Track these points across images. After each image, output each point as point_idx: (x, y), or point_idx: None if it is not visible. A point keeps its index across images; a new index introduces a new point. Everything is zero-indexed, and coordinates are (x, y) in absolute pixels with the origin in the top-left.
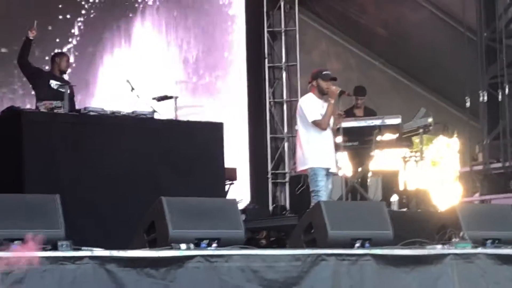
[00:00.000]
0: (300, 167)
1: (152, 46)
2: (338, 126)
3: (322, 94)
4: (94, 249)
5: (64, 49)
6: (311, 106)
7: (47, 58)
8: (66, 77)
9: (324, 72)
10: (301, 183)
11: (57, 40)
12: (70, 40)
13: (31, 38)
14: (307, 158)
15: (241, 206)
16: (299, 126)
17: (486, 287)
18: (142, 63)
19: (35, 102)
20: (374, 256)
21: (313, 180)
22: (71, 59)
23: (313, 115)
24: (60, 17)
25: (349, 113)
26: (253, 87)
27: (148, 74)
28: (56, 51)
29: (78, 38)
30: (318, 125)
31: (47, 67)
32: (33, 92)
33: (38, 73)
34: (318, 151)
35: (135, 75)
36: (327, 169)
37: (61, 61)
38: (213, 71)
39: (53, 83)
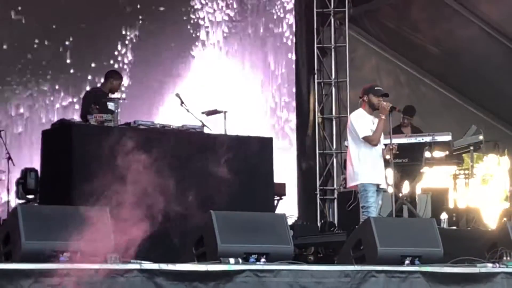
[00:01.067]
0: (350, 183)
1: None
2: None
3: (373, 109)
4: (143, 262)
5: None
6: (362, 122)
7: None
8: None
9: (376, 88)
10: (352, 200)
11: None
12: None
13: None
14: (358, 174)
15: (289, 222)
16: (350, 142)
17: None
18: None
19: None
20: (424, 273)
21: (363, 196)
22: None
23: (364, 131)
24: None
25: (396, 131)
26: (302, 102)
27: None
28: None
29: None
30: (369, 141)
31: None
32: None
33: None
34: (368, 167)
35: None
36: (378, 185)
37: (115, 82)
38: (262, 85)
39: (110, 105)
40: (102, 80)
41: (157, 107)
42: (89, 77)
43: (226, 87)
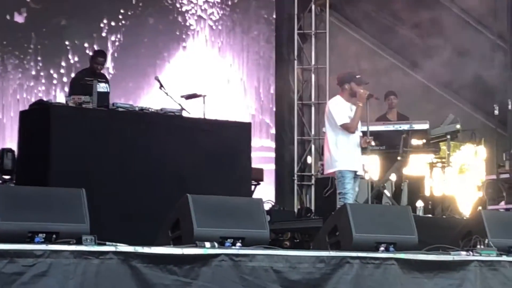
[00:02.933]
0: (328, 170)
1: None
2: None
3: (352, 97)
4: (119, 244)
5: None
6: (340, 109)
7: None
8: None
9: (358, 76)
10: (329, 186)
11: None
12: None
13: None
14: (335, 161)
15: (266, 207)
16: (328, 129)
17: None
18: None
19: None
20: (398, 260)
21: (340, 182)
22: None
23: (342, 118)
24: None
25: (382, 119)
26: (281, 88)
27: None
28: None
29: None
30: (347, 128)
31: None
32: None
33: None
34: (346, 154)
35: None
36: (355, 172)
37: (99, 59)
38: (242, 70)
39: (99, 86)
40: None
41: (140, 90)
42: (76, 59)
43: (205, 71)
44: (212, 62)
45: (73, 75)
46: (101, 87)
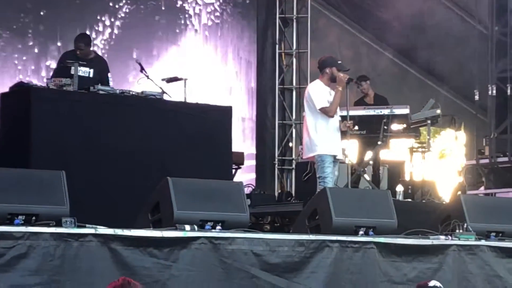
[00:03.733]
0: (307, 154)
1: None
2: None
3: (332, 81)
4: (98, 227)
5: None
6: (319, 93)
7: None
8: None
9: (340, 62)
10: (308, 170)
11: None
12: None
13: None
14: (315, 145)
15: (246, 191)
16: (307, 113)
17: (486, 280)
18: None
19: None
20: (378, 244)
21: (320, 166)
22: None
23: (321, 102)
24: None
25: (360, 103)
26: (263, 72)
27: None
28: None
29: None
30: (326, 112)
31: None
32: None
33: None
34: (325, 138)
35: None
36: (334, 156)
37: (75, 45)
38: (222, 54)
39: (81, 70)
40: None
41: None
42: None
43: (187, 55)
44: (194, 46)
45: None
46: (82, 71)
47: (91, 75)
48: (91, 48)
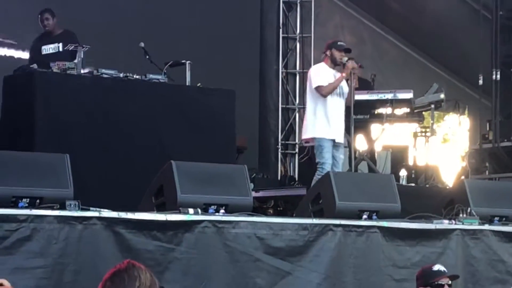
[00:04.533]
0: (304, 135)
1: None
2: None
3: (335, 64)
4: (102, 210)
5: None
6: (321, 73)
7: None
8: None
9: (339, 43)
10: (304, 153)
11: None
12: None
13: None
14: (312, 128)
15: (250, 174)
16: (308, 96)
17: (489, 264)
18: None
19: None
20: (381, 228)
21: (318, 152)
22: None
23: (318, 81)
24: None
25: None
26: (266, 56)
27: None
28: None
29: None
30: (319, 90)
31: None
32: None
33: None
34: (323, 122)
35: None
36: (333, 140)
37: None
38: (226, 38)
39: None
40: None
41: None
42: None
43: (191, 39)
44: (198, 29)
45: None
46: (52, 48)
47: (60, 49)
48: (55, 21)
